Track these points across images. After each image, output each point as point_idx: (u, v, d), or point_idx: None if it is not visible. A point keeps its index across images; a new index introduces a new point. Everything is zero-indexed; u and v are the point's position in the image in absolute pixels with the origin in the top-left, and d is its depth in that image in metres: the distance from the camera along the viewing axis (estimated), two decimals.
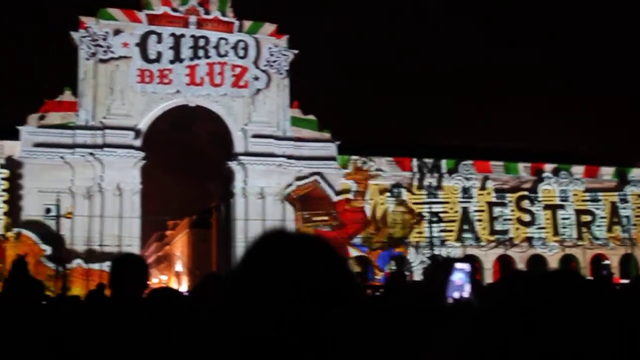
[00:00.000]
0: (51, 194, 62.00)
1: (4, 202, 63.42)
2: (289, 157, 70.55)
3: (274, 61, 72.20)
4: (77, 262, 63.08)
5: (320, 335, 1.25)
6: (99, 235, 63.84)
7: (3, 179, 63.78)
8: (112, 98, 67.20)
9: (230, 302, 1.38)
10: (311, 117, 73.71)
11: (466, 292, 3.34)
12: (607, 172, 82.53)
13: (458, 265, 3.34)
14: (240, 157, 69.56)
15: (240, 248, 67.53)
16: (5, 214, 62.77)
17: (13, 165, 63.98)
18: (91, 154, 65.21)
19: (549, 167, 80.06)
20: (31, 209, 62.94)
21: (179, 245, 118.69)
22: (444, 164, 76.45)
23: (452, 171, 76.20)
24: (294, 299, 1.29)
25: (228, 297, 1.38)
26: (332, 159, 72.39)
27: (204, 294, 3.80)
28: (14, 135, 64.61)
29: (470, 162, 77.24)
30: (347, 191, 71.93)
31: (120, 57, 67.99)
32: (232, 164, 70.11)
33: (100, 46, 67.69)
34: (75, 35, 68.25)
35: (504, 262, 74.56)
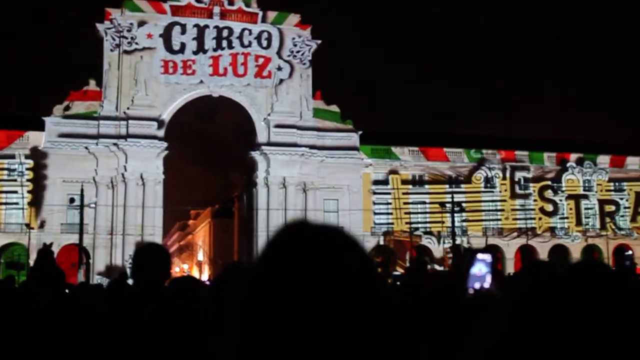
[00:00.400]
0: (75, 184, 62.49)
1: (29, 191, 64.12)
2: (312, 147, 70.52)
3: (297, 51, 72.13)
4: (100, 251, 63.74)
5: (345, 328, 1.30)
6: (121, 225, 64.32)
7: (27, 169, 64.47)
8: (136, 89, 67.53)
9: (252, 294, 1.39)
10: (334, 107, 73.67)
11: (487, 282, 3.33)
12: (632, 162, 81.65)
13: (480, 256, 3.33)
14: (263, 147, 69.66)
15: (262, 238, 67.69)
16: (29, 203, 63.44)
17: (38, 156, 64.61)
18: (115, 144, 65.63)
19: (573, 156, 79.41)
20: (55, 199, 63.54)
21: (201, 234, 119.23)
22: (464, 154, 76.21)
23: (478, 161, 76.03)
24: (316, 290, 1.31)
25: (249, 289, 1.39)
26: (355, 149, 72.31)
27: (226, 283, 3.81)
28: (40, 126, 65.22)
29: (493, 151, 76.95)
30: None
31: (144, 48, 68.29)
32: (255, 154, 70.24)
33: (125, 37, 68.01)
34: (100, 26, 68.65)
35: (525, 252, 74.12)
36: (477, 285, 3.30)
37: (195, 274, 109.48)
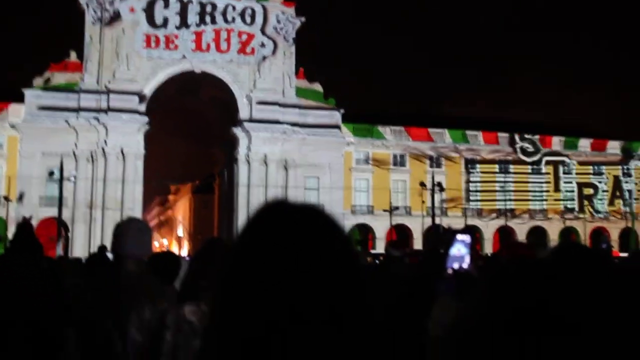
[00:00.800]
0: (55, 157, 62.03)
1: (6, 163, 63.69)
2: (293, 124, 70.45)
3: (281, 28, 71.81)
4: (79, 225, 63.55)
5: (323, 306, 1.32)
6: (101, 199, 64.09)
7: (5, 141, 64.01)
8: (118, 62, 67.02)
9: (231, 272, 1.40)
10: (316, 85, 73.54)
11: (466, 263, 3.36)
12: (613, 147, 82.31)
13: (459, 236, 3.36)
14: (245, 124, 69.51)
15: (242, 214, 67.77)
16: (8, 176, 63.00)
17: (17, 128, 64.09)
18: (96, 118, 65.24)
19: (555, 140, 79.95)
20: (35, 172, 63.14)
21: (181, 210, 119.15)
22: (447, 134, 76.54)
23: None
24: (294, 269, 1.35)
25: (229, 267, 1.40)
26: (337, 127, 72.35)
27: (205, 258, 3.82)
28: (19, 98, 64.61)
29: (476, 132, 77.36)
30: None
31: (126, 22, 67.64)
32: (236, 130, 70.08)
33: (107, 10, 67.34)
34: None
35: (504, 234, 74.76)
36: (455, 266, 3.34)
37: (174, 249, 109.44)
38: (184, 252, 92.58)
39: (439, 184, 63.33)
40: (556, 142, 79.91)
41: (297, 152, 70.17)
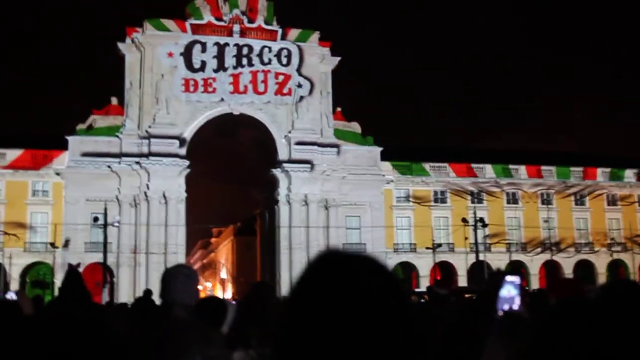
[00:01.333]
0: (99, 202, 62.93)
1: (53, 211, 64.80)
2: (333, 164, 70.54)
3: (317, 68, 72.37)
4: (124, 270, 64.12)
5: (382, 351, 1.34)
6: (145, 243, 64.62)
7: (51, 188, 65.23)
8: (158, 107, 68.00)
9: (291, 320, 1.42)
10: (354, 124, 73.81)
11: (516, 304, 3.34)
12: None
13: (508, 278, 3.35)
14: (284, 164, 69.81)
15: (284, 255, 67.90)
16: (53, 223, 63.98)
17: (62, 175, 65.23)
18: (137, 162, 66.07)
19: (599, 171, 78.82)
20: (79, 218, 64.02)
21: (224, 252, 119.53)
22: (489, 169, 76.01)
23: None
24: (352, 315, 1.36)
25: (289, 315, 1.43)
26: (376, 165, 72.33)
27: (253, 304, 3.84)
28: (64, 146, 65.85)
29: (519, 167, 76.74)
30: None
31: (165, 67, 68.79)
32: (276, 172, 70.38)
33: (146, 56, 68.64)
34: (121, 45, 69.36)
35: (550, 268, 73.56)
36: (505, 307, 3.32)
37: (218, 291, 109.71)
38: (228, 295, 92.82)
39: (482, 220, 62.78)
40: (600, 174, 78.76)
41: (337, 192, 70.16)
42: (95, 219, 59.03)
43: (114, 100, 69.06)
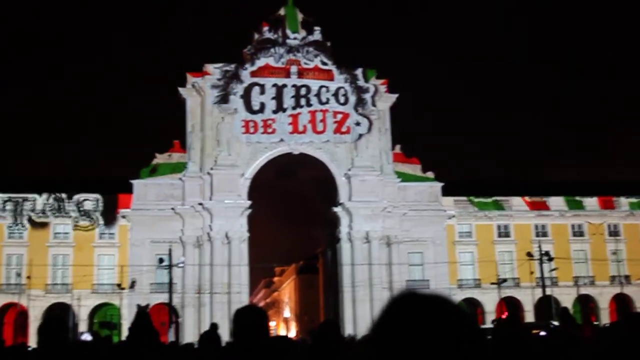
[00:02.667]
0: (163, 244, 64.02)
1: (119, 252, 66.15)
2: (393, 200, 70.32)
3: (375, 106, 72.60)
4: (188, 310, 64.73)
5: None
6: (209, 284, 65.18)
7: (117, 231, 66.64)
8: (219, 149, 69.01)
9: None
10: (414, 160, 73.61)
11: None
12: None
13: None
14: (345, 202, 69.86)
15: (347, 293, 67.62)
16: (120, 265, 65.22)
17: (127, 218, 66.58)
18: (200, 203, 66.98)
19: None
20: (145, 259, 65.12)
21: (287, 291, 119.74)
22: (554, 201, 74.77)
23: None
24: (432, 353, 1.34)
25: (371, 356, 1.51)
26: (437, 200, 71.84)
27: (323, 341, 3.92)
28: (128, 189, 67.30)
29: (584, 199, 75.27)
30: None
31: (225, 109, 69.89)
32: (337, 210, 70.46)
33: (207, 100, 69.92)
34: (182, 90, 70.82)
35: (621, 302, 71.52)
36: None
37: (282, 330, 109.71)
38: (292, 334, 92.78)
39: (547, 253, 61.64)
40: None
41: (398, 228, 69.81)
42: (160, 260, 59.91)
43: (176, 144, 70.33)
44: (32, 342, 48.69)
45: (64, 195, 67.55)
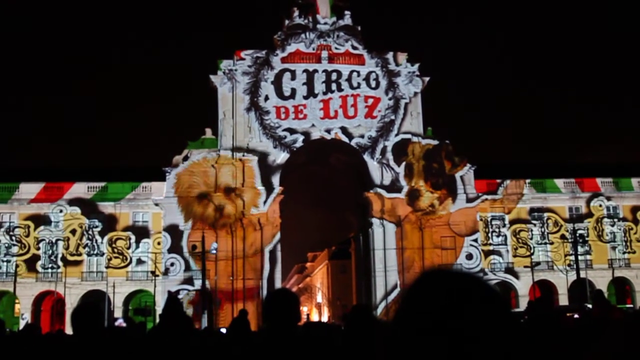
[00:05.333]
0: (196, 230, 64.49)
1: (152, 240, 66.79)
2: (425, 184, 69.99)
3: (406, 89, 72.20)
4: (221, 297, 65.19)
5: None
6: (241, 270, 65.51)
7: (150, 219, 67.24)
8: (251, 136, 69.17)
9: (399, 339, 1.42)
10: (445, 143, 73.02)
11: None
12: None
13: None
14: (376, 187, 69.72)
15: (380, 277, 67.57)
16: (154, 252, 65.83)
17: (160, 205, 67.09)
18: (232, 190, 67.22)
19: None
20: (177, 247, 65.69)
21: (319, 276, 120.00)
22: (588, 183, 73.81)
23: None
24: (462, 334, 1.34)
25: (395, 335, 1.43)
26: (469, 183, 71.34)
27: (356, 326, 3.86)
28: (161, 177, 67.82)
29: (619, 179, 74.19)
30: None
31: (257, 96, 70.01)
32: (369, 194, 70.32)
33: (238, 87, 70.04)
34: (214, 77, 70.97)
35: None
36: None
37: (314, 315, 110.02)
38: (324, 318, 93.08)
39: (582, 236, 60.95)
40: None
41: (431, 212, 69.50)
42: (193, 247, 60.28)
43: (208, 132, 70.53)
44: (69, 329, 49.42)
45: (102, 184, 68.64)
